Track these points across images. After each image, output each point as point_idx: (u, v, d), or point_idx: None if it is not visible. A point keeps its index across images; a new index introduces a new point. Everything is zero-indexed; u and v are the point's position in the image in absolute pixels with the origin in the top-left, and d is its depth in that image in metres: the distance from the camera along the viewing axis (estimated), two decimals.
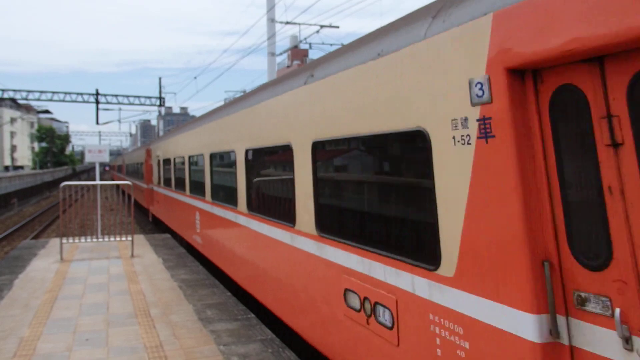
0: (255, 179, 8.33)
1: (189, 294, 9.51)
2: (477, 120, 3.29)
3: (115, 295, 9.48)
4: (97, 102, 41.64)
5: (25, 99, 41.39)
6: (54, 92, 41.15)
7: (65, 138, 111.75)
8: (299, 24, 30.35)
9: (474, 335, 3.37)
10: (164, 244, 15.33)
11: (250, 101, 8.55)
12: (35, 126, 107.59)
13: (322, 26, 29.96)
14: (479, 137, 3.27)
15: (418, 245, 4.14)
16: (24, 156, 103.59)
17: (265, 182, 7.97)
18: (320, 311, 5.78)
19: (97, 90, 41.73)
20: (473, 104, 3.34)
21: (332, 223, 5.63)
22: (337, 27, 32.37)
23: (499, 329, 3.17)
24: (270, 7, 29.30)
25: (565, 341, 2.93)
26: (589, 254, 2.85)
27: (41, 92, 40.98)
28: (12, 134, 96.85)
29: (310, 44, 32.36)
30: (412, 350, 4.02)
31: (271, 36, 28.89)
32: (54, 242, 15.73)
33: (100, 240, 15.00)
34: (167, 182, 18.22)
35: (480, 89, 3.26)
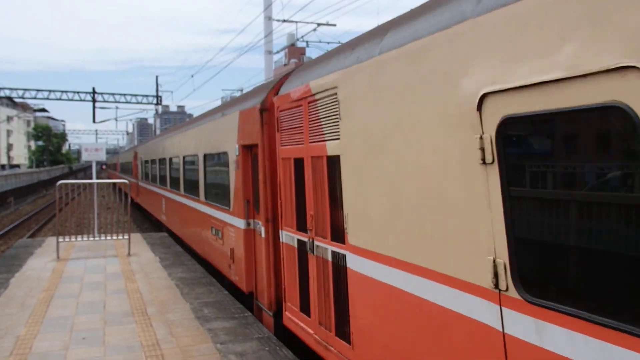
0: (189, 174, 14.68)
1: (185, 292, 9.50)
2: None
3: (111, 293, 9.47)
4: (94, 101, 41.53)
5: (22, 97, 41.24)
6: (50, 91, 41.03)
7: (62, 136, 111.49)
8: (296, 22, 30.30)
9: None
10: (161, 243, 15.31)
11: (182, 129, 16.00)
12: (32, 124, 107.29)
13: (319, 24, 29.92)
14: None
15: None
16: (20, 155, 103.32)
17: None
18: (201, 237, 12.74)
19: (93, 89, 41.61)
20: None
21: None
22: (334, 25, 32.33)
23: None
24: (267, 5, 29.27)
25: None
26: None
27: (37, 90, 40.85)
28: (9, 133, 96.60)
29: (307, 42, 32.31)
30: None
31: (268, 34, 28.88)
32: (51, 240, 15.69)
33: (97, 238, 14.99)
34: (146, 177, 25.40)
35: None
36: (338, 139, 5.36)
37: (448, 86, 3.61)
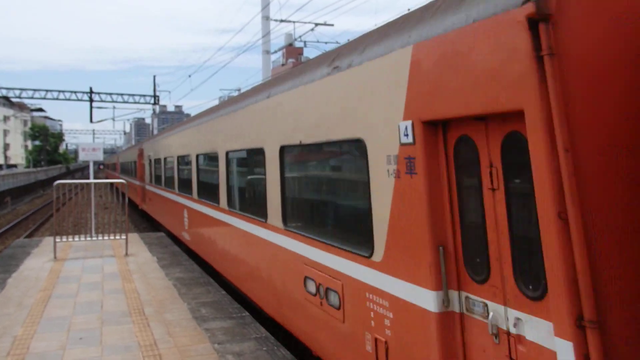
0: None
1: (183, 292, 9.49)
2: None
3: (109, 293, 9.46)
4: (91, 100, 41.48)
5: (19, 97, 41.19)
6: (47, 90, 40.98)
7: (59, 136, 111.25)
8: (294, 21, 30.30)
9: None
10: (159, 243, 15.30)
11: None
12: (29, 124, 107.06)
13: (316, 24, 29.92)
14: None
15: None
16: (17, 154, 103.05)
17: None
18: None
19: (90, 89, 41.56)
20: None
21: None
22: (332, 25, 32.34)
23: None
24: (265, 5, 29.26)
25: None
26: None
27: (34, 90, 40.79)
28: (5, 132, 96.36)
29: (305, 42, 32.36)
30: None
31: (266, 34, 28.87)
32: (48, 240, 15.66)
33: (94, 238, 14.96)
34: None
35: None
36: None
37: None
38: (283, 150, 6.84)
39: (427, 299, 3.94)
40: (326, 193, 6.22)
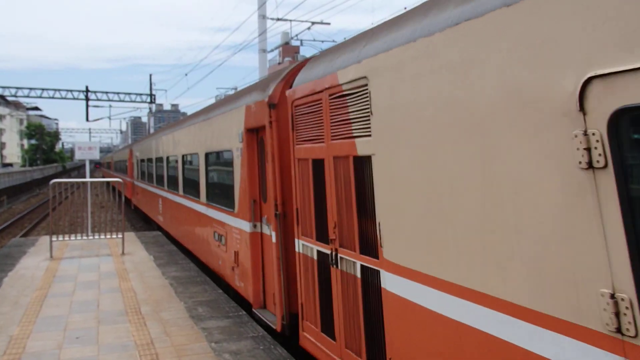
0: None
1: (180, 291, 9.49)
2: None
3: (105, 292, 9.44)
4: (87, 99, 41.39)
5: (14, 95, 41.04)
6: (43, 89, 40.88)
7: (55, 135, 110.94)
8: (290, 20, 30.28)
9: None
10: (155, 242, 15.28)
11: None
12: (25, 123, 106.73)
13: (313, 23, 29.90)
14: None
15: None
16: (13, 153, 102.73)
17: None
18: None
19: (86, 87, 41.47)
20: None
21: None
22: (329, 23, 32.40)
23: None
24: (262, 4, 29.23)
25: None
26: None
27: (30, 88, 40.66)
28: (1, 131, 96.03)
29: (301, 40, 32.31)
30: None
31: (262, 33, 28.84)
32: (44, 239, 15.63)
33: (91, 237, 14.93)
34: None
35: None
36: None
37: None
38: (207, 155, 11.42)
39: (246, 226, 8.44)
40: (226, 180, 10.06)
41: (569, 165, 2.60)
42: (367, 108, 4.62)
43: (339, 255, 5.30)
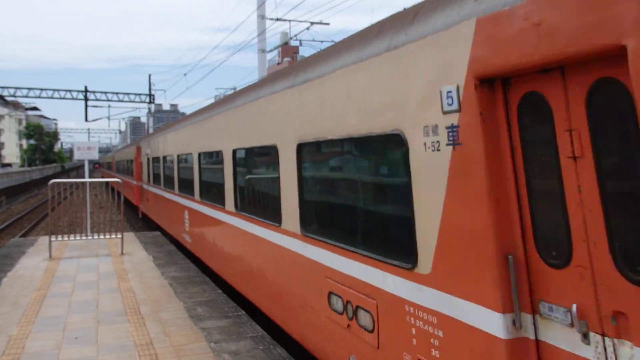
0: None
1: (179, 291, 9.48)
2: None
3: (104, 293, 9.44)
4: (86, 99, 41.36)
5: (13, 95, 41.01)
6: (42, 89, 40.84)
7: (54, 135, 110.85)
8: (290, 20, 30.24)
9: None
10: (154, 242, 15.27)
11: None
12: (24, 123, 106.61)
13: (312, 23, 29.90)
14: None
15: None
16: (12, 153, 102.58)
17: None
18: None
19: (85, 87, 41.44)
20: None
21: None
22: (328, 24, 32.36)
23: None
24: (261, 4, 29.22)
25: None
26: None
27: (29, 88, 40.63)
28: (0, 131, 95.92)
29: (300, 40, 32.28)
30: None
31: (261, 33, 28.82)
32: (43, 240, 15.61)
33: (90, 237, 14.92)
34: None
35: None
36: None
37: None
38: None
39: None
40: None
41: None
42: None
43: None
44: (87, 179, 16.62)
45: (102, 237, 14.93)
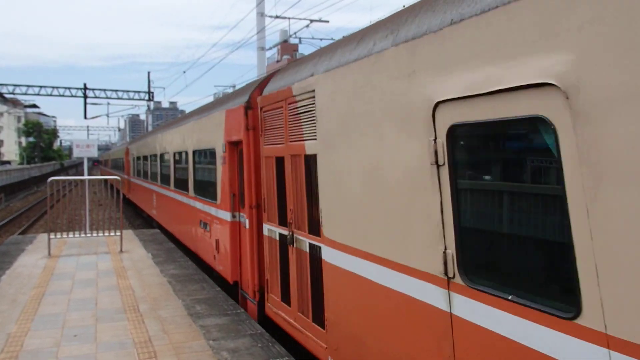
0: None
1: (178, 289, 9.48)
2: None
3: (103, 290, 9.43)
4: (85, 97, 41.28)
5: (12, 93, 40.90)
6: (41, 87, 40.71)
7: (53, 133, 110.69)
8: (289, 18, 30.22)
9: None
10: (153, 239, 15.27)
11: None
12: (23, 120, 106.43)
13: (311, 20, 29.87)
14: None
15: None
16: (11, 151, 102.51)
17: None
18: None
19: (85, 85, 41.35)
20: None
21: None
22: (327, 21, 32.37)
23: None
24: (260, 1, 29.18)
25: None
26: None
27: (28, 86, 40.52)
28: None
29: (300, 38, 32.27)
30: None
31: (260, 30, 28.79)
32: (42, 237, 15.60)
33: (89, 235, 14.92)
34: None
35: None
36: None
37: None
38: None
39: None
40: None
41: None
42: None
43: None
44: (86, 177, 16.60)
45: (101, 234, 14.92)
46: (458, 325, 3.55)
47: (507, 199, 3.27)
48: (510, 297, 3.11)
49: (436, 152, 3.66)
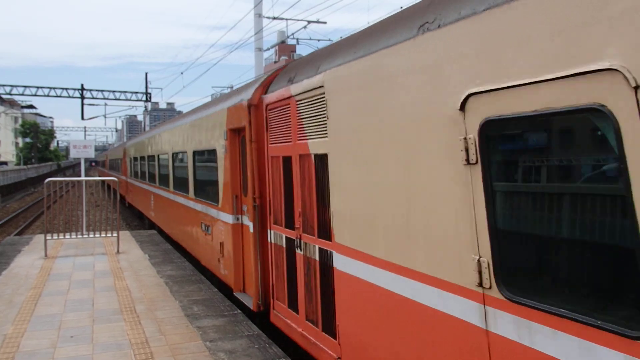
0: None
1: (175, 290, 9.47)
2: None
3: (100, 291, 9.42)
4: (83, 97, 41.22)
5: (9, 93, 40.82)
6: (38, 87, 40.64)
7: (50, 133, 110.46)
8: (287, 19, 30.26)
9: None
10: (150, 240, 15.24)
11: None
12: (19, 121, 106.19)
13: (309, 22, 29.90)
14: None
15: None
16: (8, 151, 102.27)
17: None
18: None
19: (82, 85, 41.31)
20: None
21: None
22: (325, 22, 32.40)
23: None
24: (257, 2, 29.18)
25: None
26: None
27: (25, 86, 40.44)
28: None
29: (297, 39, 32.31)
30: None
31: (258, 31, 28.78)
32: (39, 238, 15.57)
33: (86, 236, 14.89)
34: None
35: None
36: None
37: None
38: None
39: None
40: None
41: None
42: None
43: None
44: (83, 178, 16.57)
45: (97, 235, 14.89)
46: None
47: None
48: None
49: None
